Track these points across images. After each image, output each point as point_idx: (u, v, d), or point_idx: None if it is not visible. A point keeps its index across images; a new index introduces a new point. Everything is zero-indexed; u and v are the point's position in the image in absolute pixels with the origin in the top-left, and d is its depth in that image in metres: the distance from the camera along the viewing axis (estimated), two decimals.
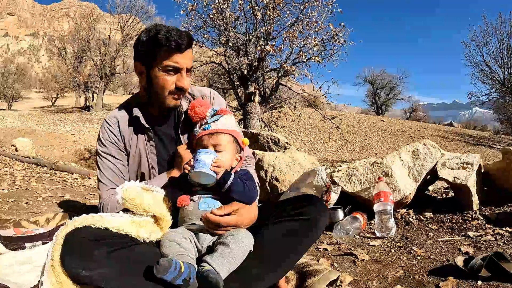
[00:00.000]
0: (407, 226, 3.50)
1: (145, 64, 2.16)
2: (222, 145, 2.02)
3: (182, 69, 2.13)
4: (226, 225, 1.82)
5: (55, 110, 43.90)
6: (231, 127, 2.10)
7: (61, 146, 21.28)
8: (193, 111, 2.17)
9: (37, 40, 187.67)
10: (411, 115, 55.68)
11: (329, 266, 2.55)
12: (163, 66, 2.09)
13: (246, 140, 2.19)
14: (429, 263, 2.61)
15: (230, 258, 1.69)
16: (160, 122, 2.34)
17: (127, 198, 1.83)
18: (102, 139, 2.30)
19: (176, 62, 2.09)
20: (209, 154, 1.87)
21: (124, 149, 2.30)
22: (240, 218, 1.87)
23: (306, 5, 11.63)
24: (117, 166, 2.27)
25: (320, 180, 3.64)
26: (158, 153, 2.31)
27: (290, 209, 1.96)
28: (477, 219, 3.43)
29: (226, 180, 1.86)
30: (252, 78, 11.67)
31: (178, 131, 2.32)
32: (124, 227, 1.80)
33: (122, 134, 2.30)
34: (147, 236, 1.85)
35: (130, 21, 40.37)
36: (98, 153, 2.30)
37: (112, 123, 2.32)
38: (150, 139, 2.29)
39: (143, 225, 1.85)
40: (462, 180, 3.58)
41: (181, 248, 1.74)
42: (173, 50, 2.07)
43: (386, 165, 3.81)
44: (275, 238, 1.87)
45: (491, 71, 26.08)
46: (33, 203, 4.86)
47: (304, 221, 1.89)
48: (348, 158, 21.83)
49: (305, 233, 1.88)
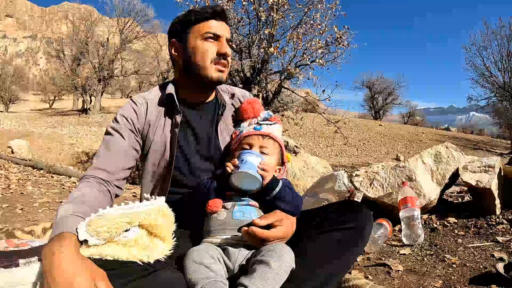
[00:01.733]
0: (433, 232, 3.36)
1: (182, 39, 1.99)
2: (270, 150, 1.87)
3: (221, 37, 1.96)
4: (273, 239, 1.62)
5: (52, 112, 43.76)
6: (280, 137, 1.97)
7: (58, 149, 21.08)
8: (250, 105, 2.01)
9: (35, 42, 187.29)
10: (408, 119, 55.88)
11: (364, 278, 2.40)
12: (202, 34, 1.94)
13: (289, 156, 2.05)
14: (466, 271, 2.48)
15: (271, 280, 1.44)
16: (197, 111, 2.07)
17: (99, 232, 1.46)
18: (118, 115, 1.99)
19: (215, 29, 1.94)
20: (256, 157, 1.70)
21: (142, 136, 2.00)
22: (287, 230, 1.67)
23: (310, 7, 11.54)
24: (118, 147, 1.92)
25: (342, 185, 3.49)
26: (186, 145, 2.00)
27: (334, 217, 1.73)
28: (501, 223, 3.31)
29: (274, 186, 1.68)
30: (255, 80, 11.55)
31: (216, 126, 2.06)
32: (114, 252, 1.45)
33: (148, 118, 2.00)
34: (147, 257, 1.51)
35: (129, 24, 40.33)
36: (108, 128, 1.98)
37: (139, 103, 2.03)
38: (176, 126, 1.98)
39: (131, 245, 1.51)
40: (485, 183, 3.46)
41: (210, 273, 1.49)
42: (209, 17, 1.94)
43: (409, 169, 3.66)
44: (321, 251, 1.64)
45: (491, 75, 26.14)
46: (29, 209, 4.67)
47: (352, 230, 1.67)
48: (348, 162, 21.78)
49: (353, 243, 1.67)
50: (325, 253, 1.63)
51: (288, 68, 11.15)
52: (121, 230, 1.49)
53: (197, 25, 1.94)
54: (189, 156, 1.99)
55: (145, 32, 41.39)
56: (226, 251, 1.64)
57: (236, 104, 2.16)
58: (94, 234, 1.44)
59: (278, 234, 1.63)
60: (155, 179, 2.02)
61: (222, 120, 2.07)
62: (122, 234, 1.51)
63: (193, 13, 1.95)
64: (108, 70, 38.64)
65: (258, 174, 1.64)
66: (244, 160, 1.67)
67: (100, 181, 1.82)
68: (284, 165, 1.99)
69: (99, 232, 1.43)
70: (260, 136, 1.88)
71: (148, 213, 1.55)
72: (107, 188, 1.84)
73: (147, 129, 1.99)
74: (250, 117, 2.00)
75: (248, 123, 1.98)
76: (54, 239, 1.40)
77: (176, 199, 1.94)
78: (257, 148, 1.84)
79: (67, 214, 1.51)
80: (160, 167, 1.99)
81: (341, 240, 1.65)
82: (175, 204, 1.80)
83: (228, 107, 2.11)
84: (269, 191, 1.68)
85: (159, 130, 1.99)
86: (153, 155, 1.99)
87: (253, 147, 1.84)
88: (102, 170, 1.85)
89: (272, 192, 1.68)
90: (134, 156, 1.98)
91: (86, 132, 27.33)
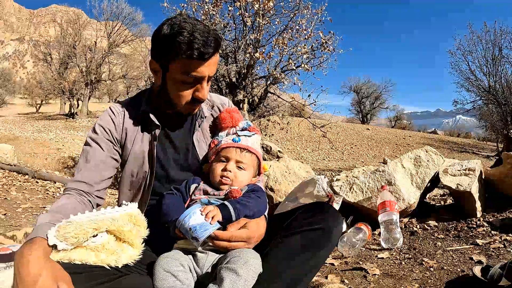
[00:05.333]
0: (413, 235, 3.40)
1: (161, 66, 1.85)
2: (246, 164, 1.90)
3: (203, 79, 1.83)
4: (236, 240, 1.63)
5: (39, 116, 43.37)
6: (258, 149, 1.99)
7: (45, 154, 20.90)
8: (229, 114, 2.01)
9: (23, 45, 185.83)
10: (396, 123, 56.19)
11: (340, 283, 2.42)
12: (183, 72, 1.79)
13: (266, 166, 2.07)
14: (444, 274, 2.51)
15: (240, 287, 1.47)
16: (174, 122, 2.04)
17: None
18: (96, 125, 1.98)
19: (196, 71, 1.78)
20: (196, 214, 1.63)
21: (120, 145, 2.00)
22: (251, 232, 1.68)
23: (296, 13, 11.60)
24: (97, 158, 1.93)
25: (321, 189, 3.50)
26: (164, 156, 2.00)
27: (301, 219, 1.74)
28: (482, 226, 3.36)
29: (228, 216, 1.67)
30: (241, 85, 11.56)
31: (192, 137, 2.05)
32: (82, 257, 1.51)
33: (125, 127, 1.99)
34: (115, 261, 1.56)
35: (117, 28, 40.14)
36: (87, 138, 1.99)
37: (117, 112, 2.02)
38: (154, 139, 1.97)
39: (99, 250, 1.56)
40: (465, 186, 3.52)
41: (177, 282, 1.52)
42: (195, 59, 1.74)
43: (389, 173, 3.69)
44: (288, 253, 1.65)
45: (477, 79, 26.36)
46: (12, 215, 4.68)
47: (318, 231, 1.67)
48: (335, 166, 21.81)
49: (321, 245, 1.67)
50: (291, 255, 1.64)
51: (274, 73, 11.18)
52: (88, 236, 1.52)
53: (182, 60, 1.76)
54: (167, 167, 2.00)
55: (133, 36, 41.21)
56: (195, 257, 1.66)
57: (215, 113, 2.15)
58: (63, 240, 1.48)
59: (242, 235, 1.65)
60: (134, 188, 2.02)
61: (199, 131, 2.08)
62: (90, 240, 1.54)
63: (180, 49, 1.73)
64: (95, 74, 38.39)
65: (206, 230, 1.60)
66: (191, 227, 1.60)
67: (81, 192, 1.86)
68: (260, 174, 2.03)
69: (67, 237, 1.48)
70: (238, 149, 1.90)
71: (115, 219, 1.59)
72: (88, 198, 1.86)
73: (125, 138, 2.00)
74: (229, 126, 2.01)
75: (226, 133, 1.99)
76: (26, 243, 1.47)
77: (154, 208, 1.95)
78: (234, 162, 1.87)
79: (42, 222, 1.56)
80: (138, 177, 2.00)
81: (308, 241, 1.66)
82: (153, 213, 1.84)
83: (207, 117, 2.12)
84: (228, 221, 1.68)
85: (137, 141, 1.99)
86: (131, 165, 2.00)
87: (230, 160, 1.87)
88: (83, 182, 1.88)
89: (231, 220, 1.68)
90: (114, 166, 1.99)
91: (73, 136, 27.14)
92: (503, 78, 25.25)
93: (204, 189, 1.85)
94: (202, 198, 1.80)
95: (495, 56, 25.30)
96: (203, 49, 1.73)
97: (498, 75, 25.39)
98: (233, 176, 1.85)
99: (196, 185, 1.88)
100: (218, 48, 1.83)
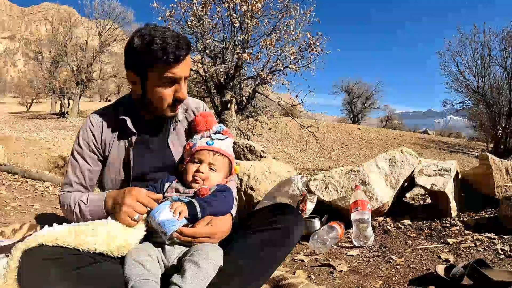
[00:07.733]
0: (385, 234, 3.47)
1: (139, 75, 1.97)
2: (218, 166, 2.05)
3: (180, 79, 1.96)
4: (200, 236, 1.77)
5: (30, 116, 43.01)
6: (230, 152, 2.13)
7: (35, 153, 20.79)
8: (203, 118, 2.14)
9: (14, 43, 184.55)
10: (387, 123, 56.27)
11: (306, 278, 2.49)
12: (162, 77, 1.91)
13: (237, 168, 2.23)
14: (409, 272, 2.58)
15: (200, 278, 1.60)
16: (151, 127, 2.17)
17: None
18: (80, 138, 2.14)
19: (173, 74, 1.91)
20: (165, 210, 1.76)
21: (101, 154, 2.14)
22: (214, 229, 1.82)
23: (284, 14, 11.68)
24: (83, 170, 2.12)
25: (295, 189, 3.58)
26: (140, 161, 2.11)
27: (263, 218, 1.91)
28: (455, 226, 3.42)
29: (195, 212, 1.81)
30: (229, 86, 11.63)
31: (167, 140, 2.18)
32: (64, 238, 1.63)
33: (104, 137, 2.13)
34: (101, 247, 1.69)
35: (108, 27, 39.93)
36: (72, 150, 2.16)
37: (95, 123, 2.15)
38: (130, 145, 2.10)
39: (93, 234, 1.69)
40: (439, 187, 3.59)
41: (144, 270, 1.64)
42: (171, 63, 1.88)
43: (363, 173, 3.78)
44: (248, 250, 1.79)
45: (466, 80, 26.55)
46: (1, 212, 4.75)
47: (278, 230, 1.82)
48: (325, 166, 21.87)
49: (279, 243, 1.81)
50: (252, 251, 1.78)
51: (261, 73, 11.24)
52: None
53: (159, 66, 1.88)
54: (144, 171, 2.12)
55: (124, 35, 41.00)
56: (164, 249, 1.79)
57: (190, 117, 2.27)
58: None
59: (206, 231, 1.79)
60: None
61: (173, 134, 2.20)
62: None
63: (156, 56, 1.86)
64: (86, 73, 38.18)
65: (174, 225, 1.72)
66: (160, 222, 1.73)
67: (78, 189, 2.12)
68: (231, 175, 2.18)
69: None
70: (211, 152, 2.04)
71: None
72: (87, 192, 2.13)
73: (104, 146, 2.14)
74: (203, 130, 2.14)
75: (200, 136, 2.12)
76: (105, 206, 1.94)
77: None
78: (207, 164, 2.01)
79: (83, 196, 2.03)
80: (116, 183, 2.14)
81: (267, 239, 1.81)
82: None
83: (181, 121, 2.24)
84: (194, 218, 1.81)
85: (114, 149, 2.13)
86: (109, 171, 2.14)
87: (203, 163, 2.00)
88: (76, 183, 2.11)
89: (197, 216, 1.82)
90: (100, 169, 2.18)
91: (64, 136, 26.99)
92: (492, 79, 25.48)
93: (176, 187, 1.99)
94: (173, 195, 1.93)
95: (484, 57, 25.50)
96: (177, 52, 1.88)
97: (487, 76, 25.60)
98: (205, 177, 1.99)
99: (170, 183, 2.01)
100: (189, 50, 1.97)
